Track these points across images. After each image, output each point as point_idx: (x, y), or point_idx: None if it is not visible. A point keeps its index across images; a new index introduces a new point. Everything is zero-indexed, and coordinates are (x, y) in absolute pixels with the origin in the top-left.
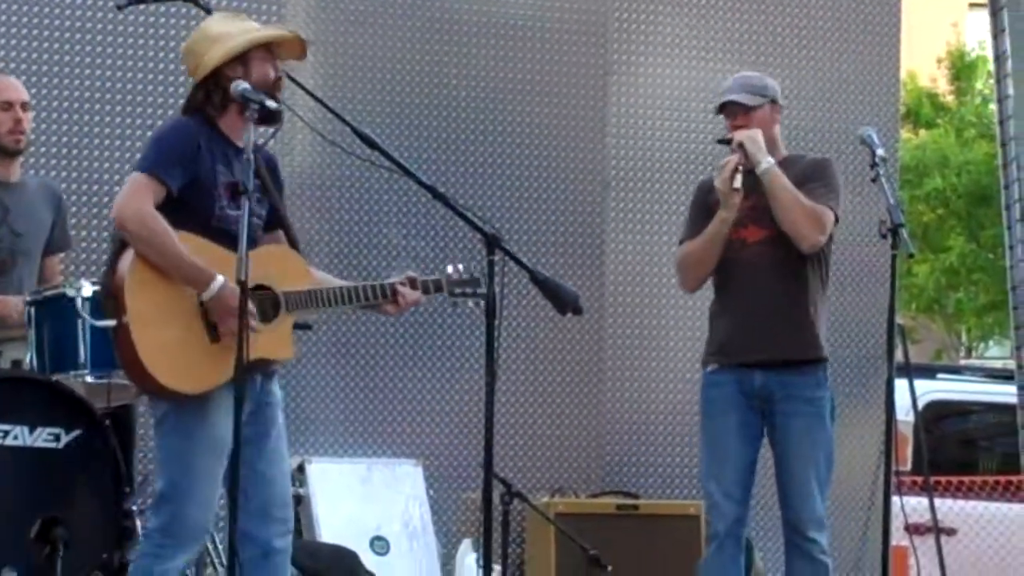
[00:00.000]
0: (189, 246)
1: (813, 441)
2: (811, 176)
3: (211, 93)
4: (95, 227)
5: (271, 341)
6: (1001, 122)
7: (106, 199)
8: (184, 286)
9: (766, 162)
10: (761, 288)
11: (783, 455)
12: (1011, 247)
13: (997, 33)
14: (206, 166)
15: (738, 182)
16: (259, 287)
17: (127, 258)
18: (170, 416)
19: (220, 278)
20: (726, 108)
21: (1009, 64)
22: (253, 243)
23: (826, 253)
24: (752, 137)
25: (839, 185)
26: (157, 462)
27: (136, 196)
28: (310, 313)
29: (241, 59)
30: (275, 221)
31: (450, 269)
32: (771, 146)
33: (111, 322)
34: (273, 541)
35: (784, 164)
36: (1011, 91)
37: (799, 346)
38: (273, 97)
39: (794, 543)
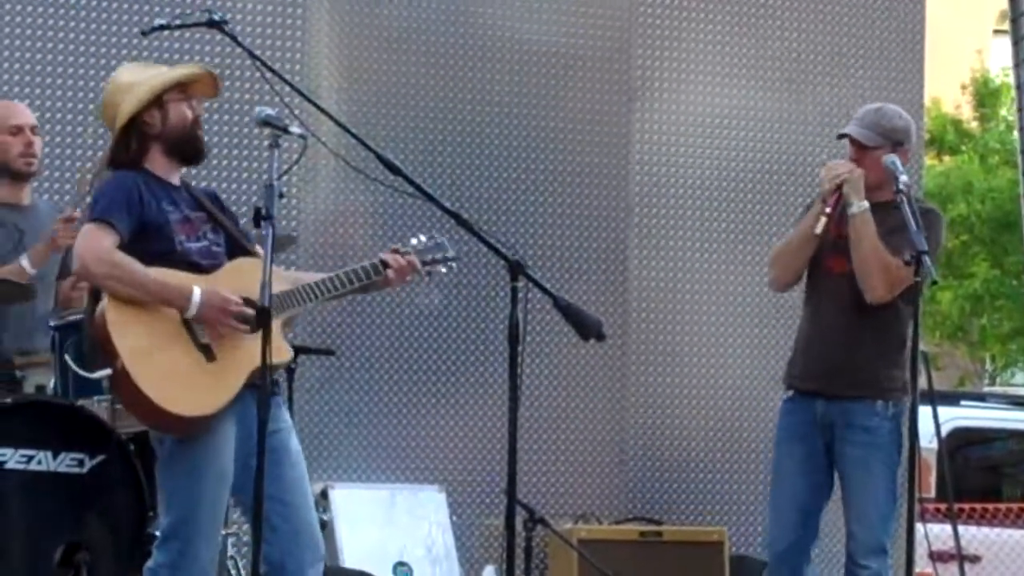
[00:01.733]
0: (156, 274)
1: (868, 469)
2: (919, 223)
3: (131, 141)
4: None
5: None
6: (1022, 151)
7: None
8: (165, 311)
9: (858, 206)
10: (838, 321)
11: (843, 483)
12: None
13: (1019, 63)
14: (152, 209)
15: (820, 228)
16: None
17: (102, 305)
18: (176, 452)
19: (196, 288)
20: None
21: None
22: (217, 267)
23: (914, 294)
24: (854, 180)
25: (937, 242)
26: (163, 498)
27: (92, 240)
28: (296, 311)
29: (156, 103)
30: (236, 250)
31: (413, 240)
32: (881, 188)
33: (107, 371)
34: (306, 570)
35: (888, 206)
36: None
37: (863, 383)
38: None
39: (851, 571)
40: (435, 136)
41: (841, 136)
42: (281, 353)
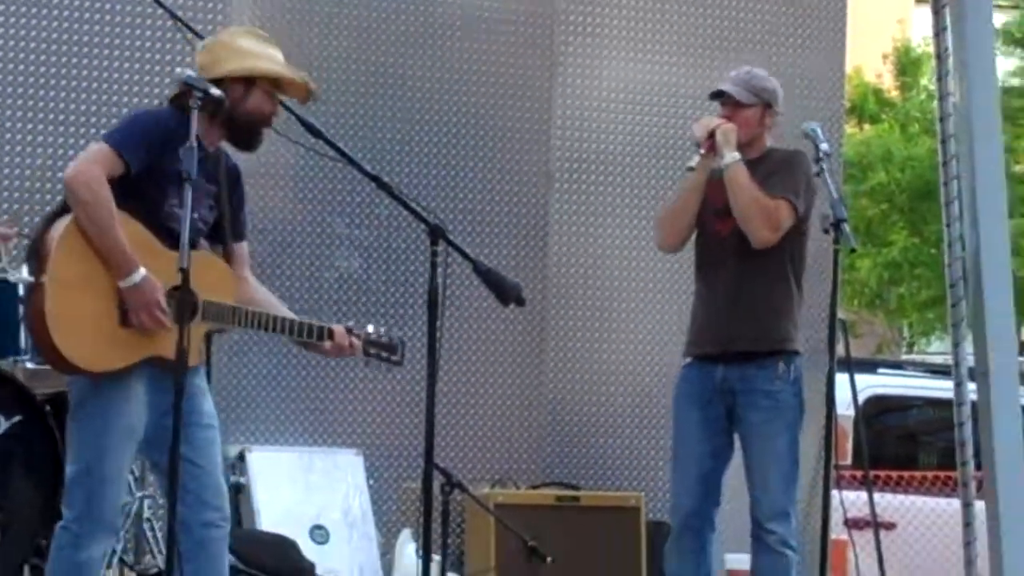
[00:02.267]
0: (127, 230)
1: (772, 433)
2: (777, 169)
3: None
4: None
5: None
6: (941, 119)
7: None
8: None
9: (729, 157)
10: (726, 279)
11: (745, 448)
12: (950, 244)
13: (939, 31)
14: (169, 159)
15: (693, 162)
16: (177, 288)
17: (63, 222)
18: (83, 404)
19: (142, 270)
20: (719, 96)
21: (950, 62)
22: (192, 245)
23: (794, 247)
24: (725, 131)
25: (805, 179)
26: (70, 448)
27: (92, 162)
28: (225, 327)
29: (247, 80)
30: (219, 234)
31: (370, 328)
32: (752, 146)
33: (29, 279)
34: (209, 529)
35: (761, 157)
36: (951, 88)
37: (755, 338)
38: (265, 122)
39: (756, 535)
40: (356, 102)
41: (715, 94)
42: (192, 357)
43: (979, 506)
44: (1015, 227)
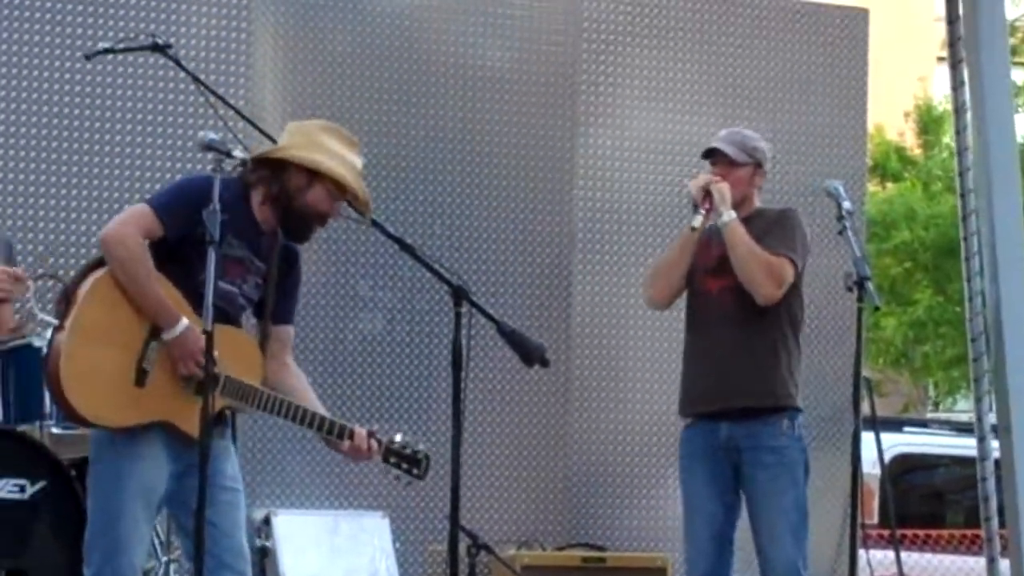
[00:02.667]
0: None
1: (779, 490)
2: (771, 228)
3: (268, 171)
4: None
5: (192, 415)
6: (960, 174)
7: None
8: (139, 322)
9: (728, 215)
10: (723, 337)
11: (752, 505)
12: (971, 299)
13: (956, 86)
14: (212, 229)
15: (697, 223)
16: None
17: (96, 273)
18: (103, 456)
19: (185, 320)
20: (712, 154)
21: (968, 116)
22: (230, 320)
23: (793, 303)
24: (721, 189)
25: (802, 236)
26: (88, 506)
27: (129, 221)
28: (243, 407)
29: (311, 173)
30: (261, 313)
31: (397, 437)
32: (742, 205)
33: (54, 322)
34: None
35: (750, 217)
36: (970, 143)
37: (759, 394)
38: (320, 218)
39: None
40: (380, 162)
41: (708, 152)
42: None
43: (1004, 564)
44: None
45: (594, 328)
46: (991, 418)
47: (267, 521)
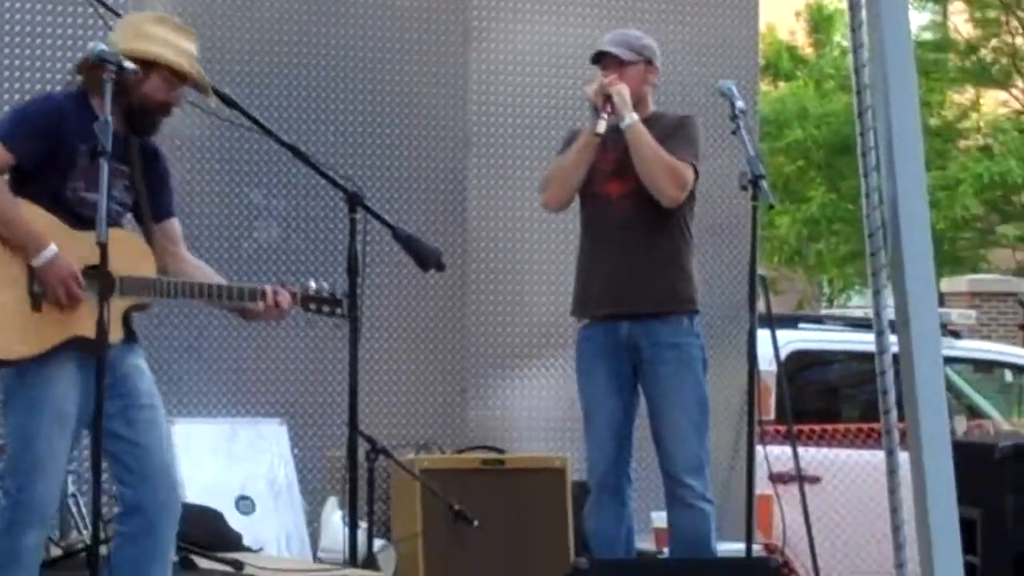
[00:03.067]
0: (29, 216)
1: (681, 386)
2: (672, 133)
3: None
4: None
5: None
6: (856, 71)
7: None
8: (13, 251)
9: (630, 118)
10: (625, 242)
11: (654, 403)
12: (867, 195)
13: None
14: (67, 145)
15: (600, 128)
16: (93, 267)
17: None
18: (15, 391)
19: (53, 247)
20: (601, 58)
21: (864, 12)
22: (110, 226)
23: (688, 207)
24: (620, 92)
25: (699, 141)
26: (5, 439)
27: None
28: (145, 299)
29: (146, 64)
30: (139, 215)
31: (312, 283)
32: (639, 104)
33: None
34: (160, 510)
35: (649, 121)
36: (865, 39)
37: (660, 297)
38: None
39: (670, 491)
40: (270, 73)
41: (596, 57)
42: (113, 333)
43: (902, 457)
44: (930, 180)
45: (489, 232)
46: (889, 312)
47: None
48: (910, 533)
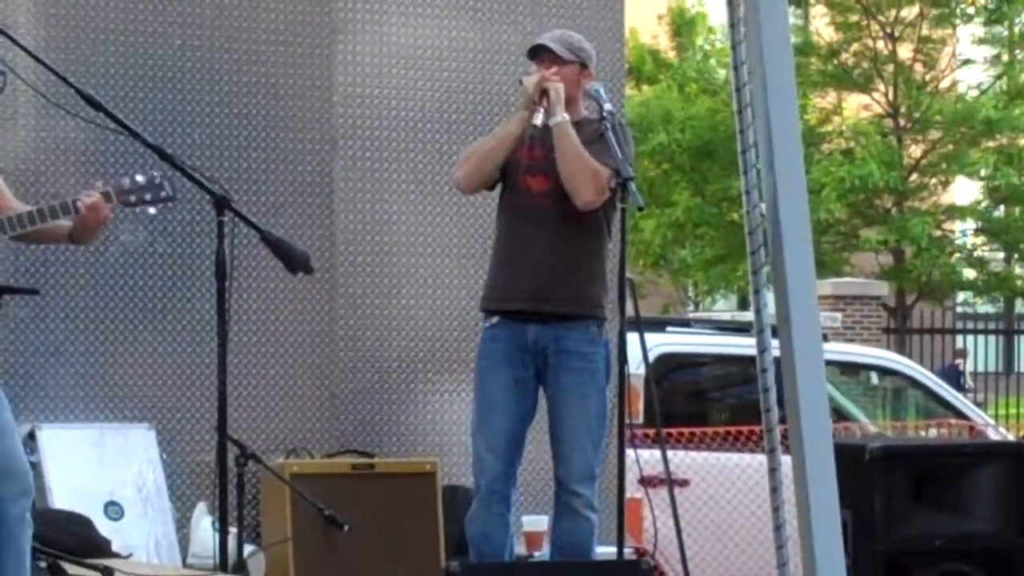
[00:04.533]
0: None
1: (585, 395)
2: (596, 140)
3: None
4: None
5: None
6: (736, 67)
7: None
8: None
9: (561, 116)
10: (541, 239)
11: (556, 410)
12: (747, 192)
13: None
14: None
15: (539, 120)
16: None
17: None
18: None
19: None
20: (537, 53)
21: (742, 9)
22: None
23: (608, 212)
24: (558, 89)
25: (628, 147)
26: None
27: None
28: None
29: None
30: None
31: (125, 180)
32: (570, 105)
33: None
34: (9, 505)
35: (578, 124)
36: (743, 36)
37: (572, 300)
38: None
39: (561, 498)
40: (136, 73)
41: (535, 50)
42: None
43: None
44: None
45: (357, 234)
46: (770, 311)
47: (32, 436)
48: (791, 533)
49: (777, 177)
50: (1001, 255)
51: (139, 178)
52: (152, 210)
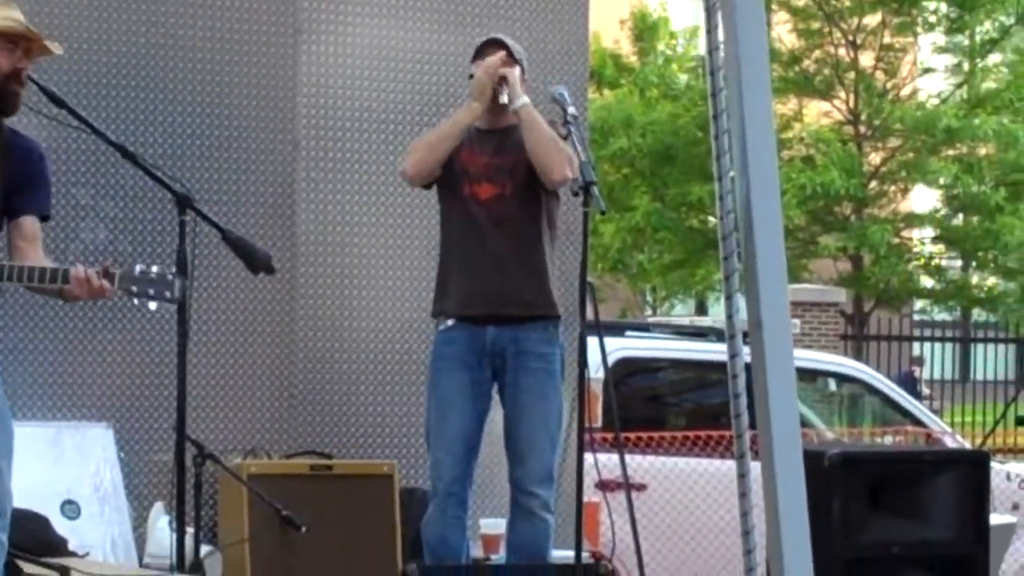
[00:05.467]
0: None
1: (543, 396)
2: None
3: None
4: None
5: None
6: (712, 72)
7: None
8: None
9: (524, 99)
10: (494, 243)
11: (513, 411)
12: (721, 197)
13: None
14: None
15: (504, 99)
16: None
17: None
18: None
19: None
20: (488, 47)
21: (719, 15)
22: None
23: (554, 215)
24: (515, 74)
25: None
26: None
27: None
28: None
29: None
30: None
31: (137, 268)
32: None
33: None
34: None
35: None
36: (721, 41)
37: (529, 302)
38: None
39: (517, 500)
40: (98, 71)
41: (483, 46)
42: None
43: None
44: None
45: (319, 236)
46: (743, 316)
47: None
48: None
49: (751, 182)
50: (959, 263)
51: (154, 269)
52: (153, 306)
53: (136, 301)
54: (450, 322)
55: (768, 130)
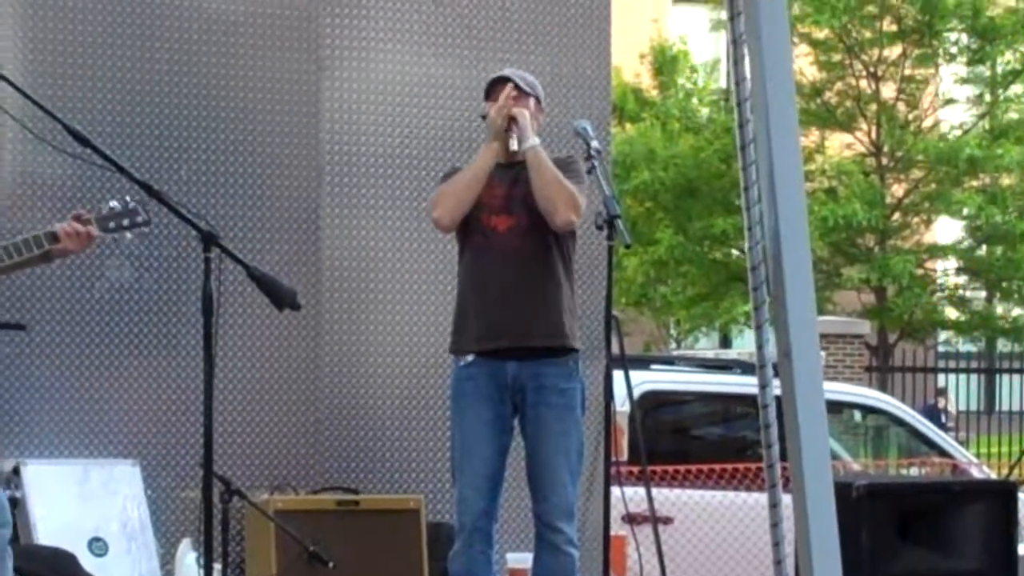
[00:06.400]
0: None
1: (564, 431)
2: (561, 168)
3: None
4: None
5: None
6: (739, 103)
7: None
8: None
9: (533, 140)
10: (511, 276)
11: (535, 445)
12: (750, 228)
13: (733, 15)
14: None
15: (514, 145)
16: None
17: None
18: None
19: None
20: (497, 85)
21: (745, 47)
22: None
23: (571, 247)
24: (525, 115)
25: (584, 182)
26: None
27: None
28: None
29: None
30: None
31: (103, 207)
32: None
33: None
34: None
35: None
36: (747, 73)
37: (551, 335)
38: None
39: (541, 535)
40: (123, 108)
41: (493, 83)
42: None
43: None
44: None
45: (344, 271)
46: (772, 347)
47: (16, 471)
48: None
49: (779, 214)
50: (983, 294)
51: (113, 204)
52: (129, 235)
53: (115, 236)
54: (470, 357)
55: (795, 160)
